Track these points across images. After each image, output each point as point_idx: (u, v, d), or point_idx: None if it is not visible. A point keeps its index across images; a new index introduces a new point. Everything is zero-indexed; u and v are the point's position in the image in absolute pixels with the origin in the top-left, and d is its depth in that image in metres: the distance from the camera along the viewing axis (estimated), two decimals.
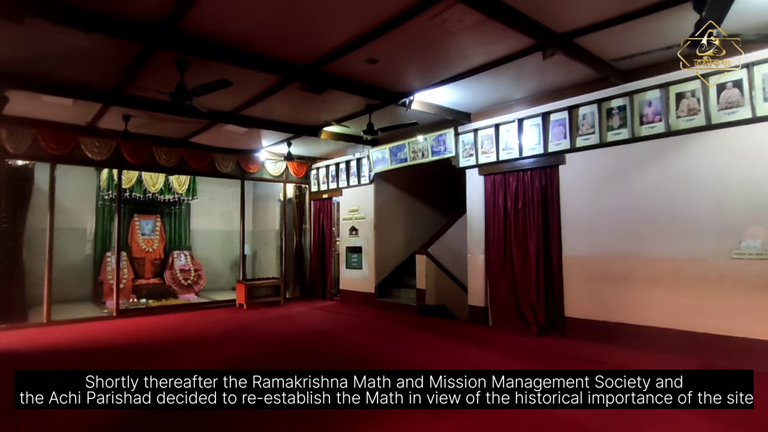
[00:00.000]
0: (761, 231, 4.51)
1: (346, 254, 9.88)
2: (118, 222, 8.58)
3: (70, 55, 4.87)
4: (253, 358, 5.44)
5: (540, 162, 6.33)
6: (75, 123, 7.49)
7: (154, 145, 8.50)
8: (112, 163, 8.36)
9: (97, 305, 9.09)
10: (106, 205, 9.78)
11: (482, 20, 4.06)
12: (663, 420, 3.36)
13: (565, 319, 6.00)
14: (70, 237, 9.64)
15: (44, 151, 7.42)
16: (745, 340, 4.56)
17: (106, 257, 9.36)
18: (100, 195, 9.80)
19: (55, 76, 5.51)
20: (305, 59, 5.05)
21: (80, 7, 3.90)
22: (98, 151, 7.92)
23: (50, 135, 7.42)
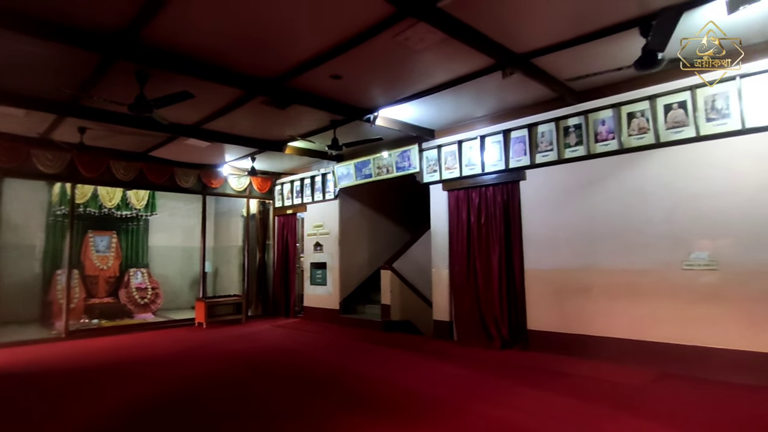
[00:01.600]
0: (708, 243, 4.74)
1: (311, 270, 9.76)
2: (71, 238, 8.18)
3: (23, 64, 4.66)
4: (209, 377, 5.24)
5: (502, 178, 6.48)
6: (26, 135, 7.14)
7: (111, 159, 8.21)
8: (66, 177, 8.01)
9: (45, 326, 8.56)
10: (58, 221, 9.30)
11: (444, 39, 4.15)
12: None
13: (528, 331, 6.09)
14: (18, 254, 9.07)
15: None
16: (699, 347, 4.74)
17: (56, 275, 8.87)
18: (52, 210, 9.32)
19: (7, 84, 5.25)
20: (269, 73, 5.02)
21: (36, 15, 3.75)
22: (51, 164, 7.57)
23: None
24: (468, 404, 3.99)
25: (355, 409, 3.94)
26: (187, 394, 4.61)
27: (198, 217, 10.08)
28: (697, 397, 4.10)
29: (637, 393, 4.23)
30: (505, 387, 4.51)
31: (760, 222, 4.46)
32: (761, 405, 3.84)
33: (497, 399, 4.13)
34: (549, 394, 4.21)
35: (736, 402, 3.94)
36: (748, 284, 4.50)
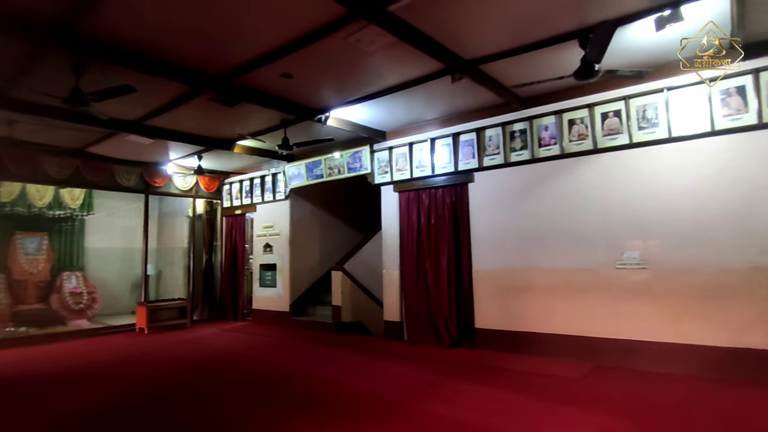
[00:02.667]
0: (639, 244, 5.08)
1: (260, 272, 9.56)
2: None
3: None
4: (150, 386, 5.00)
5: (451, 180, 6.63)
6: None
7: (43, 154, 7.68)
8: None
9: None
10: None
11: (395, 42, 4.20)
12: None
13: (476, 330, 6.27)
14: None
15: None
16: (630, 341, 5.05)
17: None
18: None
19: None
20: (217, 70, 4.88)
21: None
22: None
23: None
24: (417, 403, 4.05)
25: (305, 413, 3.90)
26: (125, 405, 4.36)
27: (140, 218, 9.62)
28: (629, 387, 4.38)
29: (575, 385, 4.46)
30: (453, 385, 4.61)
31: (683, 224, 4.83)
32: (686, 393, 4.15)
33: (445, 397, 4.22)
34: (494, 390, 4.35)
35: (663, 390, 4.24)
36: (673, 281, 4.85)
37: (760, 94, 4.49)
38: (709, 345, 4.61)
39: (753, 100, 4.52)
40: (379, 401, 4.15)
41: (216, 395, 4.54)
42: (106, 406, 4.29)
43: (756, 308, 4.41)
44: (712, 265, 4.65)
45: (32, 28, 3.85)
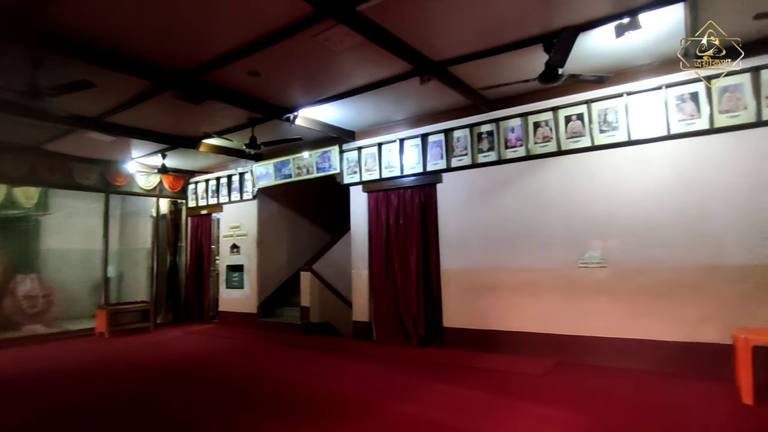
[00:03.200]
0: (599, 243, 5.25)
1: (227, 273, 9.38)
2: None
3: None
4: (111, 393, 4.80)
5: (419, 180, 6.68)
6: None
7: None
8: None
9: None
10: None
11: (363, 42, 4.20)
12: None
13: (444, 329, 6.33)
14: None
15: None
16: (591, 337, 5.22)
17: None
18: None
19: None
20: (182, 66, 4.76)
21: None
22: None
23: None
24: (387, 403, 4.05)
25: (274, 416, 3.84)
26: (83, 415, 4.16)
27: (100, 218, 9.27)
28: (590, 382, 4.52)
29: (539, 382, 4.57)
30: (422, 384, 4.64)
31: (641, 224, 5.01)
32: (643, 387, 4.31)
33: (415, 396, 4.24)
34: (461, 389, 4.41)
35: (622, 384, 4.39)
36: (631, 280, 5.03)
37: (711, 100, 4.71)
38: (666, 340, 4.81)
39: (705, 106, 4.74)
40: (349, 402, 4.13)
41: (181, 401, 4.41)
42: (63, 416, 4.10)
43: (708, 305, 4.63)
44: (668, 264, 4.85)
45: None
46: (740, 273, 4.50)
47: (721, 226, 4.62)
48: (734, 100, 4.63)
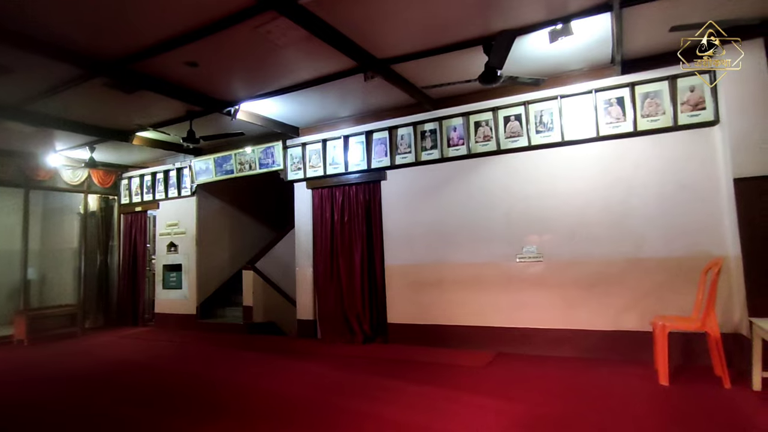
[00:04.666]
0: (536, 238, 5.50)
1: (164, 273, 8.96)
2: None
3: None
4: (32, 407, 4.39)
5: (364, 177, 6.70)
6: None
7: None
8: None
9: None
10: None
11: (307, 37, 4.14)
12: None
13: (389, 325, 6.40)
14: None
15: None
16: (528, 329, 5.47)
17: None
18: None
19: None
20: (113, 53, 4.47)
21: None
22: None
23: None
24: (331, 401, 4.03)
25: (217, 421, 3.69)
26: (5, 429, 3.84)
27: (19, 215, 8.54)
28: (526, 371, 4.74)
29: (479, 374, 4.73)
30: (366, 381, 4.66)
31: (572, 220, 5.31)
32: (573, 373, 4.58)
33: (361, 393, 4.25)
34: (406, 384, 4.46)
35: (555, 372, 4.64)
36: (565, 273, 5.33)
37: (635, 105, 5.07)
38: (594, 329, 5.13)
39: (629, 110, 5.08)
40: (296, 403, 4.07)
41: (113, 410, 4.14)
42: None
43: (630, 295, 4.99)
44: (596, 258, 5.18)
45: None
46: (658, 265, 4.88)
47: (642, 222, 4.99)
48: (654, 105, 5.00)
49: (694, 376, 4.27)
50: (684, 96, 4.86)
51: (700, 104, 4.80)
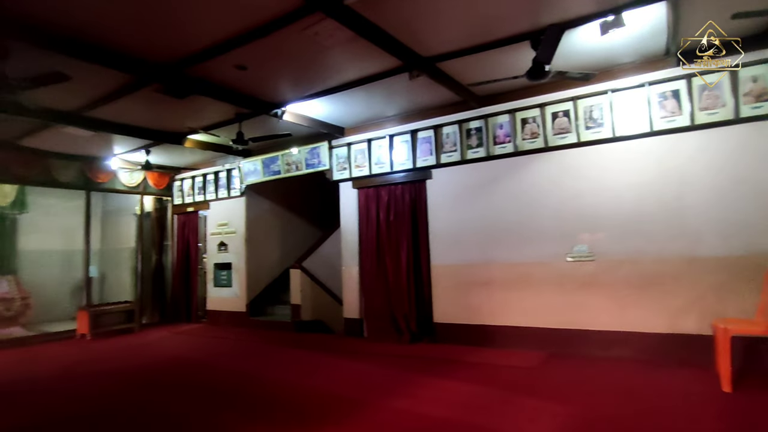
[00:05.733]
0: (588, 237, 5.34)
1: (215, 271, 9.28)
2: None
3: None
4: (95, 398, 4.62)
5: (409, 176, 6.70)
6: None
7: None
8: None
9: None
10: None
11: (353, 37, 4.19)
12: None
13: (435, 325, 6.37)
14: None
15: None
16: (580, 330, 5.31)
17: None
18: None
19: None
20: (165, 59, 4.64)
21: None
22: None
23: None
24: (381, 400, 4.05)
25: (266, 417, 3.79)
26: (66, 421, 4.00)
27: (81, 217, 9.07)
28: (579, 373, 4.61)
29: (530, 375, 4.64)
30: (414, 380, 4.66)
31: (625, 217, 5.12)
32: (629, 375, 4.42)
33: (409, 392, 4.25)
34: (455, 383, 4.45)
35: (612, 374, 4.48)
36: (617, 272, 5.14)
37: (692, 97, 4.83)
38: (649, 332, 4.93)
39: (686, 104, 4.85)
40: (343, 401, 4.12)
41: (169, 404, 4.33)
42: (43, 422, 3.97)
43: (687, 296, 4.76)
44: (649, 256, 4.97)
45: None
46: (716, 264, 4.64)
47: (698, 218, 4.76)
48: (713, 97, 4.75)
49: (760, 382, 4.03)
50: (746, 87, 4.60)
51: (764, 95, 4.53)
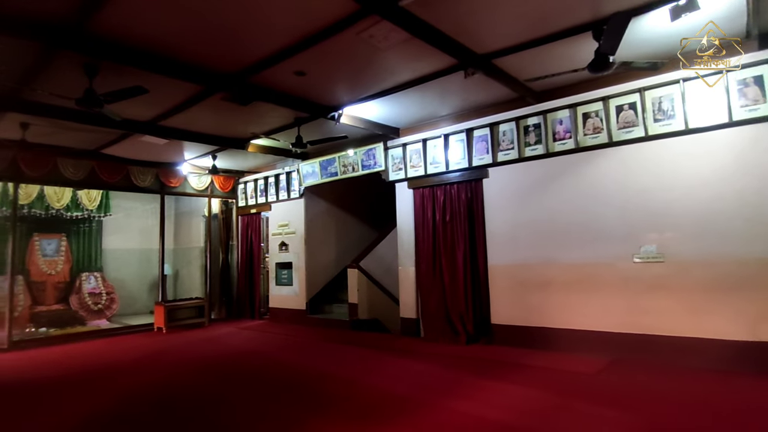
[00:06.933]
0: (656, 237, 5.02)
1: (276, 270, 9.64)
2: (13, 242, 7.72)
3: None
4: (171, 385, 5.06)
5: (465, 176, 6.62)
6: None
7: (58, 156, 7.79)
8: (7, 176, 7.53)
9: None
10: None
11: (407, 38, 4.21)
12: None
13: (492, 326, 6.26)
14: None
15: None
16: (647, 335, 5.01)
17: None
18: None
19: None
20: (230, 68, 4.92)
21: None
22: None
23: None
24: (436, 400, 4.05)
25: (325, 412, 3.90)
26: (147, 404, 4.41)
27: (156, 218, 9.74)
28: (645, 381, 4.35)
29: (592, 381, 4.44)
30: (471, 381, 4.61)
31: (699, 215, 4.77)
32: (706, 385, 4.12)
33: (465, 394, 4.21)
34: (513, 386, 4.35)
35: (682, 383, 4.20)
36: (690, 274, 4.80)
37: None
38: (725, 339, 4.55)
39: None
40: (399, 399, 4.15)
41: (234, 394, 4.58)
42: (126, 405, 4.37)
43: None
44: (727, 257, 4.60)
45: (42, 29, 3.86)
46: None
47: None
48: None
49: None
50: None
51: None
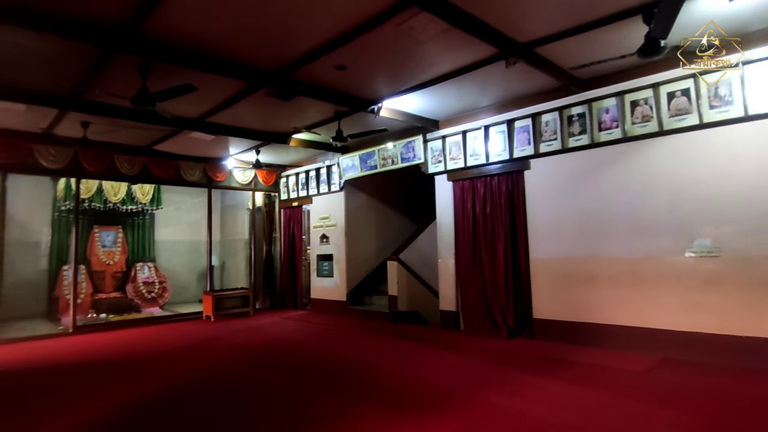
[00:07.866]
0: (711, 230, 4.77)
1: (317, 262, 9.83)
2: (76, 234, 8.26)
3: (19, 57, 4.62)
4: (219, 370, 5.28)
5: (506, 167, 6.51)
6: (28, 130, 7.19)
7: (115, 153, 8.26)
8: (70, 172, 8.05)
9: (52, 322, 8.66)
10: (63, 217, 9.40)
11: (447, 29, 4.17)
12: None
13: (534, 320, 6.15)
14: (23, 251, 9.12)
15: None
16: (701, 333, 4.78)
17: (62, 271, 8.97)
18: (57, 206, 9.41)
19: (4, 79, 5.24)
20: (273, 65, 5.04)
21: (30, 7, 3.70)
22: (54, 160, 7.61)
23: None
24: (476, 394, 4.03)
25: (364, 401, 3.96)
26: (198, 387, 4.65)
27: (204, 211, 10.14)
28: (699, 381, 4.16)
29: (641, 379, 4.28)
30: (512, 376, 4.55)
31: (759, 209, 4.49)
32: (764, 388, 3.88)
33: (507, 388, 4.16)
34: (556, 382, 4.26)
35: (740, 384, 4.00)
36: (749, 270, 4.53)
37: None
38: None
39: None
40: (439, 391, 4.15)
41: (278, 381, 4.73)
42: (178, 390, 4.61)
43: None
44: None
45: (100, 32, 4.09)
46: None
47: None
48: None
49: None
50: None
51: None
